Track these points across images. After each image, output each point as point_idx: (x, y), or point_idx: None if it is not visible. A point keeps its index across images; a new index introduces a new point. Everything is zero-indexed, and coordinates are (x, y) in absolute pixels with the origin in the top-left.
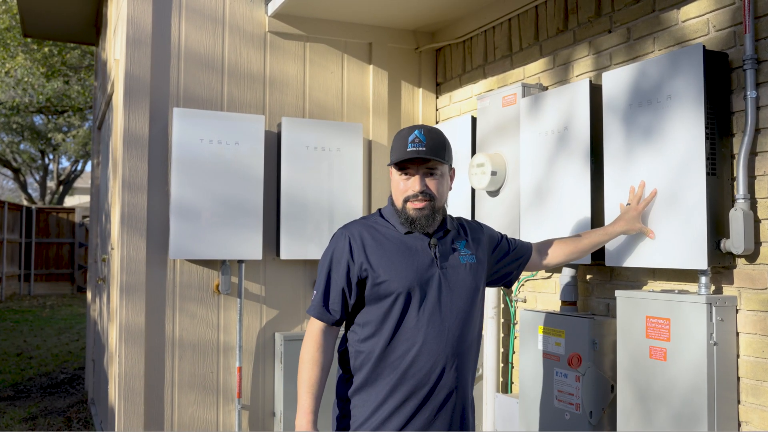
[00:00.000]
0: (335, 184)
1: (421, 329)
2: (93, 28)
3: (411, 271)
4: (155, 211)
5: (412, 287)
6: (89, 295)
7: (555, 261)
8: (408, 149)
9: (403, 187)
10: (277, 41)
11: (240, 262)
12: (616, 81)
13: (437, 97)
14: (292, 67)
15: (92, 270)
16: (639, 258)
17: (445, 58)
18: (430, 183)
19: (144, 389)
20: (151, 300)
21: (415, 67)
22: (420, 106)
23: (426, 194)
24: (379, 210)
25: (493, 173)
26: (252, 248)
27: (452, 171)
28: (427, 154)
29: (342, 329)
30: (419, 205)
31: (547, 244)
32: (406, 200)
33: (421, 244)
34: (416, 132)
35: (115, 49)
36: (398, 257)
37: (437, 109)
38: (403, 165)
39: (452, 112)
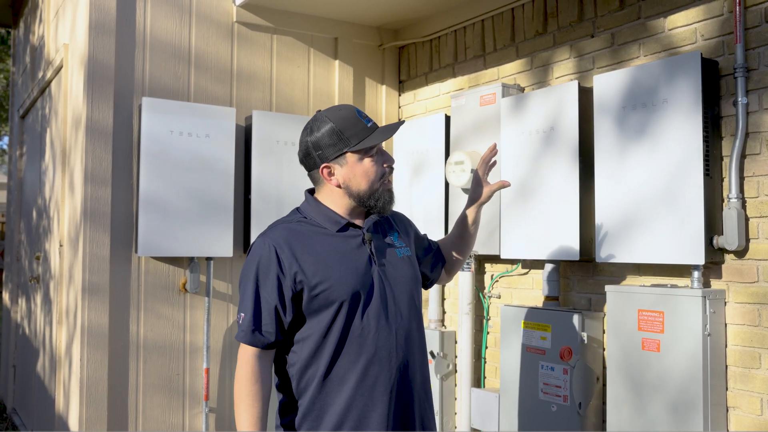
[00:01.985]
0: (306, 179)
1: (368, 336)
2: (8, 9)
3: (350, 274)
4: (119, 205)
5: (355, 292)
6: (7, 296)
7: (456, 265)
8: (369, 125)
9: (379, 167)
10: (245, 32)
11: (209, 259)
12: (608, 84)
13: (400, 95)
14: (259, 60)
15: (13, 269)
16: (632, 254)
17: (408, 56)
18: None
19: (107, 394)
20: (115, 299)
21: (378, 64)
22: (383, 103)
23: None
24: (297, 209)
25: (473, 171)
26: (222, 245)
27: None
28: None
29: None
30: (390, 181)
31: (445, 249)
32: (382, 179)
33: (355, 241)
34: (355, 110)
35: (59, 32)
36: (334, 260)
37: (399, 107)
38: (374, 144)
39: (417, 110)
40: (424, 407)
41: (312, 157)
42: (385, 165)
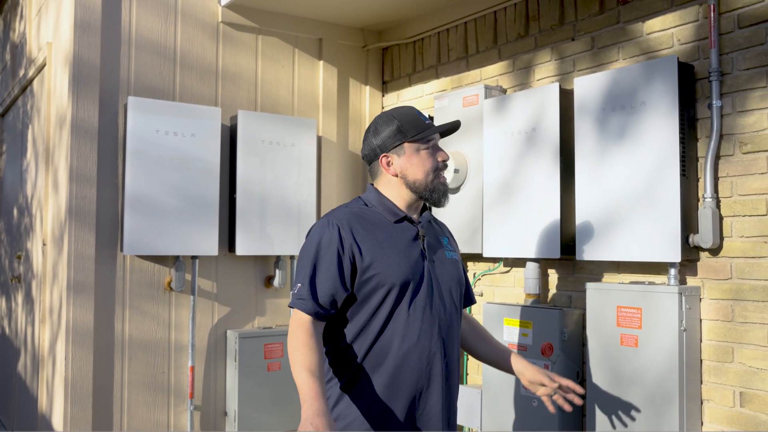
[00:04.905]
0: (290, 179)
1: (413, 325)
2: None
3: (404, 262)
4: (104, 204)
5: (406, 280)
6: None
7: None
8: (427, 122)
9: (433, 161)
10: (230, 32)
11: (194, 258)
12: (589, 86)
13: (383, 95)
14: (244, 60)
15: None
16: (612, 252)
17: (392, 57)
18: None
19: (92, 392)
20: (100, 298)
21: (362, 65)
22: (367, 104)
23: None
24: (359, 198)
25: (456, 171)
26: (208, 244)
27: None
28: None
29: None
30: (445, 177)
31: (471, 326)
32: (436, 172)
33: (410, 234)
34: (416, 110)
35: (41, 30)
36: (390, 247)
37: (383, 107)
38: (432, 137)
39: None
40: (453, 398)
41: (372, 149)
42: (439, 159)
